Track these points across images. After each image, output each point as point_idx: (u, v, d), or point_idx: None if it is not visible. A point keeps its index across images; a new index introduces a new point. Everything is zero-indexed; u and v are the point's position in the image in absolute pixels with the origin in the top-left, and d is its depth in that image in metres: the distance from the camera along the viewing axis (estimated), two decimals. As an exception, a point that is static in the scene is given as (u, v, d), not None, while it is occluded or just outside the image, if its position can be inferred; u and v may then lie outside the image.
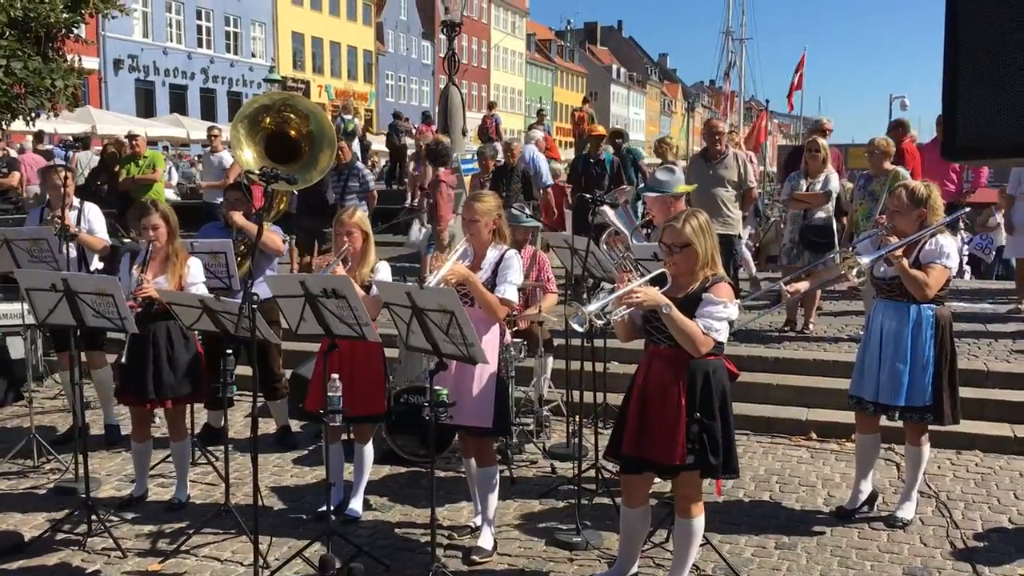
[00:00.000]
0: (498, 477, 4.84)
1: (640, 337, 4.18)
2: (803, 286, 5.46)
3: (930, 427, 5.04)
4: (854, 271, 4.81)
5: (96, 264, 6.76)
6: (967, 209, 6.20)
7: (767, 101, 38.50)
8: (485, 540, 4.78)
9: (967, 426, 6.13)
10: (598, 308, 3.89)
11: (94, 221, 6.63)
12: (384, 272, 5.18)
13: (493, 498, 4.80)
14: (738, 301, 4.05)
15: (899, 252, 4.79)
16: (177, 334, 5.28)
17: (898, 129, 10.05)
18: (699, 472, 3.96)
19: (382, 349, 5.19)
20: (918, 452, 5.08)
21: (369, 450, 5.33)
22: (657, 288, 3.95)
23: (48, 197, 6.70)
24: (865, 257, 4.86)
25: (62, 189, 6.42)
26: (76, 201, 6.67)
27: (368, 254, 5.19)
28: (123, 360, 5.43)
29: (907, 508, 5.12)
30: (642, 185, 10.22)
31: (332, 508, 4.68)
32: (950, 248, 4.86)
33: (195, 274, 5.38)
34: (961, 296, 9.76)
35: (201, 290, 5.29)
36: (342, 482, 5.33)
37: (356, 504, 5.29)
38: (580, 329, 4.01)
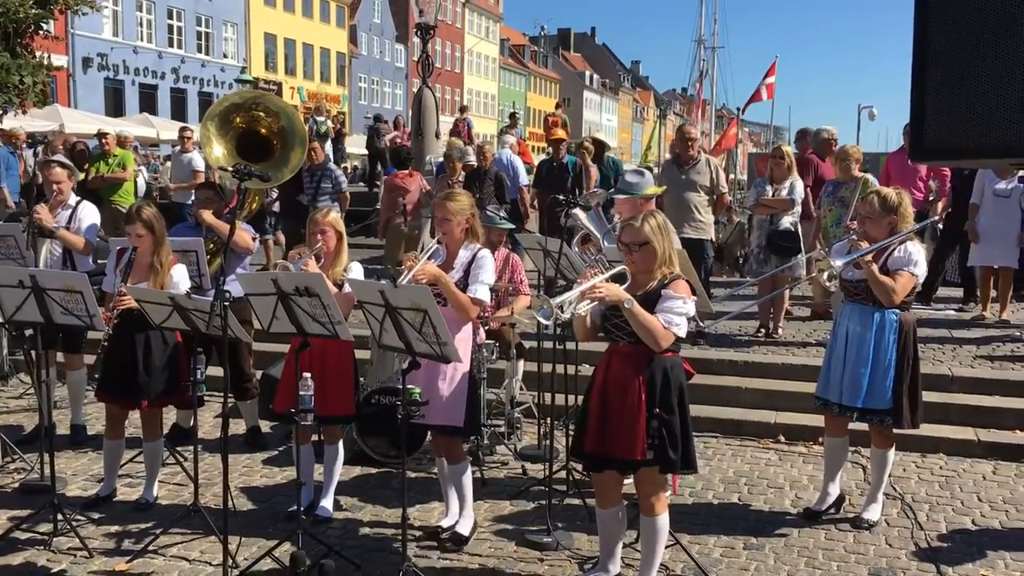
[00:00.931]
0: (469, 471, 4.89)
1: (598, 337, 4.23)
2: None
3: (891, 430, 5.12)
4: (825, 274, 4.88)
5: (87, 265, 6.58)
6: (936, 218, 6.29)
7: (739, 109, 38.67)
8: (464, 526, 4.87)
9: (932, 430, 6.23)
10: (563, 301, 3.93)
11: (83, 220, 6.50)
12: (357, 272, 5.16)
13: (467, 488, 4.87)
14: (695, 297, 4.11)
15: (869, 257, 4.86)
16: (156, 335, 5.21)
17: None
18: (659, 468, 4.01)
19: (353, 351, 5.18)
20: (883, 455, 5.14)
21: (339, 450, 5.30)
22: (618, 285, 4.01)
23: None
24: (837, 260, 4.93)
25: (54, 185, 6.34)
26: (73, 200, 6.57)
27: (341, 254, 5.18)
28: (102, 358, 5.34)
29: (873, 510, 5.19)
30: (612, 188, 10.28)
31: (302, 508, 4.66)
32: (918, 256, 4.94)
33: (175, 284, 5.26)
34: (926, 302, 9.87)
35: None
36: (312, 482, 5.31)
37: (327, 504, 5.25)
38: (545, 322, 4.06)
